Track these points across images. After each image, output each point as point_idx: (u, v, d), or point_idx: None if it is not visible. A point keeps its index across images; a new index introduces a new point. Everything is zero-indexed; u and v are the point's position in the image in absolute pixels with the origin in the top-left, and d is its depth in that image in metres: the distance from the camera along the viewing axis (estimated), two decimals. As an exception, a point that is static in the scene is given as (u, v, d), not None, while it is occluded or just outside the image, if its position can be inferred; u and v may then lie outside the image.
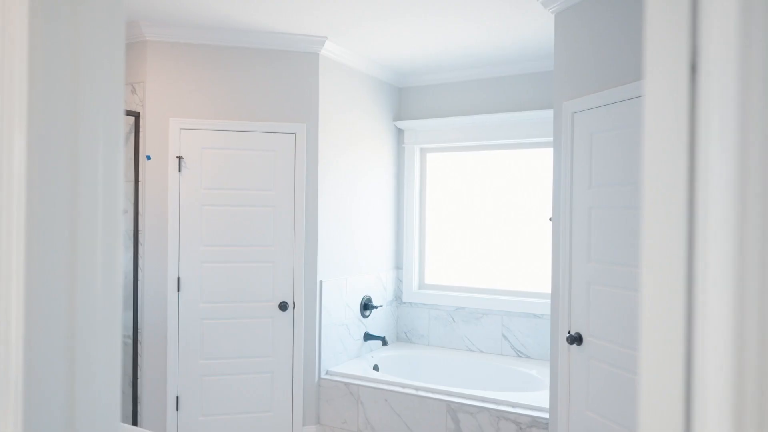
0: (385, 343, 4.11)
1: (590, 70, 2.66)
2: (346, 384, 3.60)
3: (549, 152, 4.06)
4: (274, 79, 3.58)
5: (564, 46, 2.83)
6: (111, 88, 0.78)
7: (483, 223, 4.33)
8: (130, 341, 3.47)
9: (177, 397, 3.48)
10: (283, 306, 3.58)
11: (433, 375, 4.14)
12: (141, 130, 3.44)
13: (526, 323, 4.06)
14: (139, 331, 3.46)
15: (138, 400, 3.47)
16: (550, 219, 3.18)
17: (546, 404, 3.05)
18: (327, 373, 3.74)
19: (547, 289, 4.04)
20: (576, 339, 2.68)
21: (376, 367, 4.04)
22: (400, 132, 4.59)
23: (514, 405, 3.13)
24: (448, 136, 4.35)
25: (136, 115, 3.43)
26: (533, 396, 3.22)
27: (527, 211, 4.16)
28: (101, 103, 0.77)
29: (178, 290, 3.47)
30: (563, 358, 2.77)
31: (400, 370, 4.19)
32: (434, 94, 4.43)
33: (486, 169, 4.33)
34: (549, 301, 3.95)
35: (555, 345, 2.85)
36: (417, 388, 3.41)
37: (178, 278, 3.47)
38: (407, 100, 4.54)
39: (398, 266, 4.59)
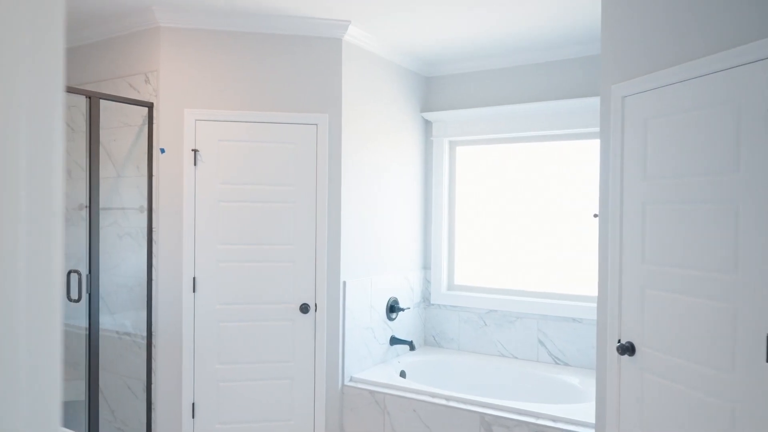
0: (412, 347, 3.87)
1: (644, 48, 2.37)
2: (371, 392, 3.37)
3: (592, 143, 3.77)
4: (295, 67, 3.36)
5: (613, 23, 2.55)
6: (39, 50, 0.57)
7: (517, 221, 4.06)
8: (144, 343, 3.29)
9: (193, 404, 3.29)
10: (304, 308, 3.37)
11: (464, 382, 3.89)
12: (154, 121, 3.26)
13: (564, 328, 3.77)
14: (152, 334, 3.28)
15: (152, 407, 3.29)
16: (596, 216, 2.90)
17: (591, 419, 2.78)
18: (351, 380, 3.51)
19: (587, 291, 3.75)
20: (627, 349, 2.40)
21: (402, 374, 3.80)
22: (427, 124, 4.33)
23: (555, 419, 2.86)
24: (479, 127, 4.08)
25: (150, 106, 3.25)
26: (576, 409, 2.94)
27: (567, 207, 3.88)
28: (24, 67, 0.55)
29: (194, 291, 3.28)
30: (612, 369, 2.49)
31: (429, 376, 3.95)
32: (464, 84, 4.16)
33: (521, 163, 4.05)
34: (589, 304, 3.67)
35: (602, 354, 2.58)
36: (448, 398, 3.16)
37: (194, 278, 3.28)
38: (435, 90, 4.29)
39: (426, 266, 4.34)
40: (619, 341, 2.46)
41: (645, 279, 2.33)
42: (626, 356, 2.42)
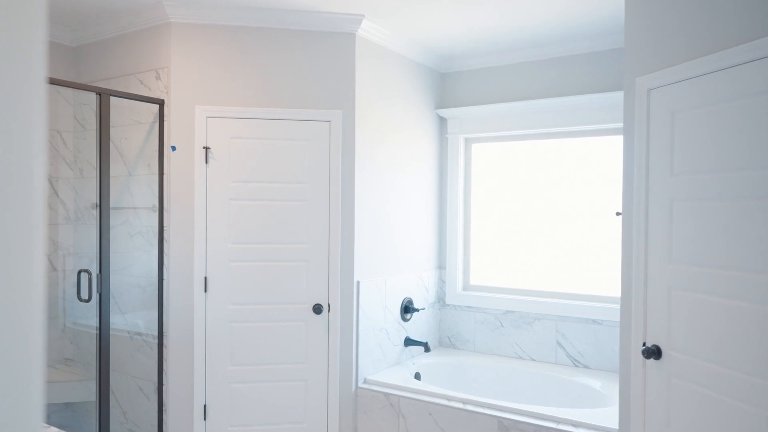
0: (427, 349, 3.79)
1: (671, 38, 2.27)
2: (386, 394, 3.29)
3: (612, 139, 3.66)
4: (307, 63, 3.29)
5: (637, 13, 2.45)
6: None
7: (534, 220, 3.96)
8: (155, 343, 3.24)
9: (204, 406, 3.24)
10: (317, 308, 3.30)
11: (481, 385, 3.80)
12: (165, 119, 3.21)
13: (583, 329, 3.67)
14: (164, 334, 3.23)
15: (163, 409, 3.24)
16: (618, 214, 2.80)
17: (614, 424, 2.68)
18: (365, 382, 3.44)
19: (608, 292, 3.65)
20: (653, 352, 2.30)
21: (417, 375, 3.72)
22: (442, 121, 4.25)
23: (576, 424, 2.76)
24: (496, 124, 3.99)
25: (160, 103, 3.20)
26: (598, 414, 2.84)
27: (586, 205, 3.77)
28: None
29: (205, 291, 3.22)
30: (637, 373, 2.39)
31: (444, 378, 3.86)
32: (480, 79, 4.07)
33: (538, 160, 3.95)
34: (609, 305, 3.57)
35: (626, 358, 2.48)
36: (464, 401, 3.08)
37: (205, 278, 3.22)
38: (451, 86, 4.20)
39: (441, 266, 4.26)
40: (644, 344, 2.36)
41: (672, 279, 2.23)
42: (652, 360, 2.33)
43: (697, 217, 2.12)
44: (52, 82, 2.73)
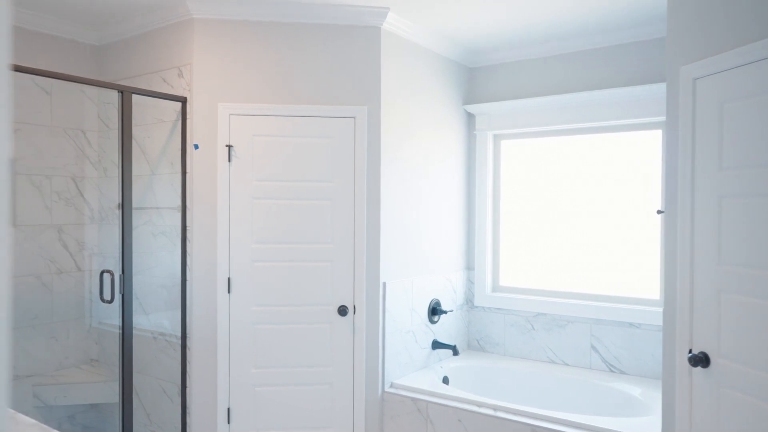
0: (455, 352, 3.67)
1: (718, 23, 2.12)
2: (413, 399, 3.19)
3: (651, 134, 3.49)
4: (332, 58, 3.20)
5: (681, -2, 2.29)
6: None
7: (567, 219, 3.81)
8: (179, 343, 3.19)
9: (228, 409, 3.18)
10: (342, 310, 3.21)
11: (511, 390, 3.67)
12: (188, 117, 3.15)
13: (619, 333, 3.51)
14: (187, 336, 3.18)
15: (187, 411, 3.19)
16: (659, 212, 2.65)
17: (655, 435, 2.53)
18: (391, 386, 3.34)
19: (646, 294, 3.48)
20: (701, 360, 2.15)
21: (445, 380, 3.61)
22: (470, 117, 4.12)
23: (615, 434, 2.61)
24: (526, 119, 3.85)
25: (183, 101, 3.15)
26: (638, 423, 2.69)
27: (623, 203, 3.61)
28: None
29: (229, 292, 3.16)
30: (682, 382, 2.24)
31: (473, 383, 3.74)
32: (509, 74, 3.94)
33: (571, 157, 3.80)
34: (648, 308, 3.40)
35: (670, 365, 2.33)
36: (495, 408, 2.95)
37: (229, 279, 3.16)
38: (479, 81, 4.07)
39: (469, 266, 4.13)
40: (690, 351, 2.21)
41: (722, 282, 2.08)
42: (699, 368, 2.18)
43: (749, 215, 1.97)
44: (73, 79, 2.70)
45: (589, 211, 3.73)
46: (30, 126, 3.36)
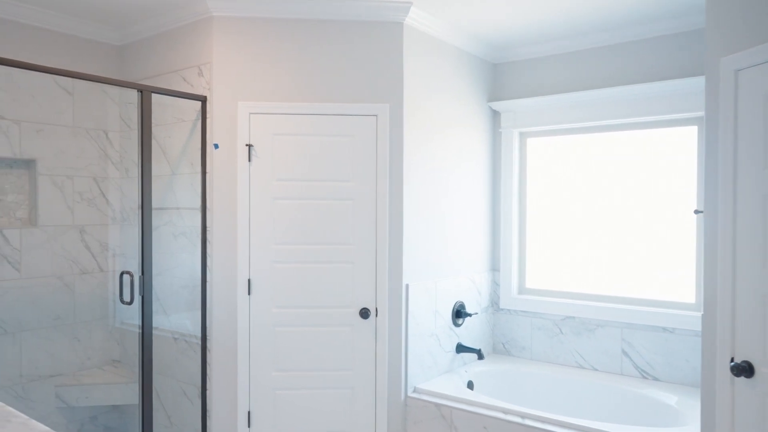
0: (480, 356, 3.56)
1: (764, 9, 1.99)
2: (437, 405, 3.10)
3: (687, 130, 3.35)
4: (353, 54, 3.13)
5: (722, -15, 2.17)
6: None
7: (596, 219, 3.68)
8: (199, 344, 3.15)
9: (248, 413, 3.13)
10: (364, 313, 3.14)
11: (538, 396, 3.55)
12: (208, 116, 3.11)
13: (652, 338, 3.37)
14: (207, 338, 3.14)
15: (207, 414, 3.15)
16: (697, 212, 2.52)
17: (693, 447, 2.40)
18: (414, 391, 3.25)
19: (680, 297, 3.34)
20: (744, 369, 2.02)
21: (470, 384, 3.51)
22: (495, 114, 4.01)
23: (649, 446, 2.49)
24: (553, 116, 3.72)
25: (203, 100, 3.11)
26: (674, 434, 2.57)
27: (656, 203, 3.47)
28: None
29: (249, 293, 3.11)
30: (724, 392, 2.11)
31: (499, 388, 3.63)
32: (536, 69, 3.82)
33: (600, 155, 3.67)
34: (682, 312, 3.26)
35: (709, 374, 2.20)
36: (522, 415, 2.85)
37: (249, 280, 3.11)
38: (504, 77, 3.96)
39: (494, 268, 4.02)
40: (732, 360, 2.08)
41: (767, 286, 1.95)
42: (742, 378, 2.05)
43: (799, 215, 1.84)
44: (92, 78, 2.67)
45: (619, 211, 3.59)
46: (52, 126, 3.35)
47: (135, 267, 3.57)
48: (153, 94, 3.40)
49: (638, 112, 3.40)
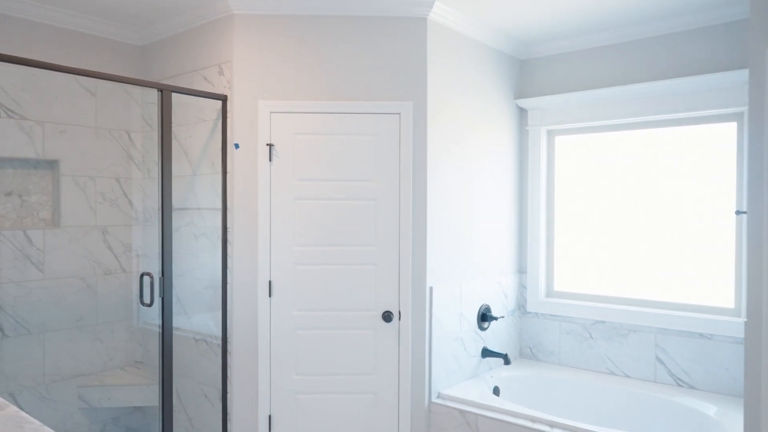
0: (507, 361, 3.46)
1: (816, -4, 1.85)
2: (462, 411, 3.00)
3: (727, 127, 3.20)
4: (375, 51, 3.06)
5: (767, -29, 2.03)
6: None
7: (628, 219, 3.54)
8: (220, 346, 3.11)
9: (269, 416, 3.07)
10: (386, 316, 3.06)
11: (567, 403, 3.43)
12: (228, 115, 3.07)
13: (688, 344, 3.22)
14: (228, 340, 3.10)
15: (228, 417, 3.11)
16: (739, 212, 2.38)
17: (735, 462, 2.27)
18: (439, 397, 3.17)
19: (719, 301, 3.19)
20: (793, 381, 1.88)
21: (496, 390, 3.40)
22: (522, 112, 3.90)
23: (687, 459, 2.36)
24: (583, 114, 3.60)
25: (223, 99, 3.06)
26: (713, 447, 2.43)
27: (692, 203, 3.32)
28: None
29: (270, 295, 3.06)
30: (770, 405, 1.98)
31: (526, 394, 3.52)
32: (565, 65, 3.69)
33: (632, 153, 3.53)
34: (721, 317, 3.11)
35: (754, 384, 2.07)
36: (551, 424, 2.74)
37: (270, 282, 3.06)
38: (531, 73, 3.84)
39: (521, 270, 3.91)
40: (779, 370, 1.95)
41: (819, 293, 1.81)
42: (791, 390, 1.91)
43: None
44: (112, 78, 2.65)
45: (653, 212, 3.45)
46: (75, 127, 3.35)
47: (157, 268, 3.55)
48: (174, 94, 3.38)
49: (673, 108, 3.26)
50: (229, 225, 3.08)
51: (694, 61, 3.21)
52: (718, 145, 3.22)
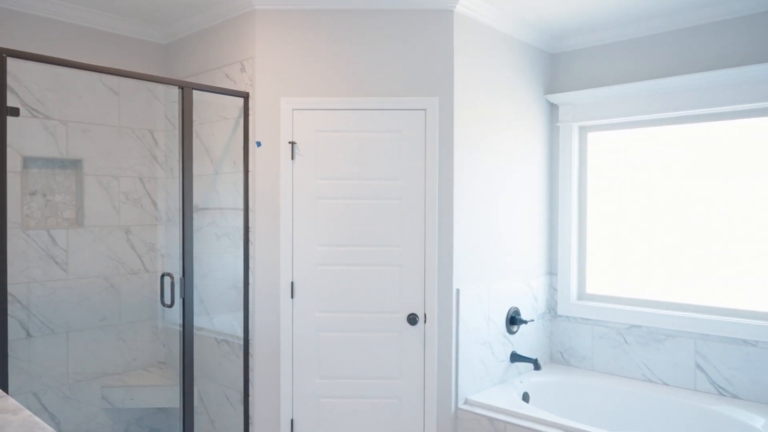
0: (537, 366, 3.32)
1: None
2: (490, 419, 2.89)
3: None
4: (400, 45, 2.96)
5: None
6: None
7: (666, 219, 3.37)
8: (241, 345, 3.06)
9: (291, 421, 3.01)
10: (412, 319, 2.96)
11: (602, 411, 3.28)
12: (250, 113, 3.01)
13: (730, 351, 3.05)
14: (249, 342, 3.04)
15: (249, 420, 3.05)
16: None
17: (787, 480, 2.11)
18: (466, 403, 3.06)
19: (763, 307, 3.01)
20: None
21: (525, 396, 3.28)
22: (553, 107, 3.76)
23: (734, 475, 2.21)
24: (618, 108, 3.44)
25: (245, 96, 3.01)
26: (761, 463, 2.27)
27: (735, 201, 3.14)
28: None
29: (292, 297, 2.99)
30: (827, 420, 1.82)
31: (557, 401, 3.39)
32: (599, 58, 3.54)
33: (670, 149, 3.36)
34: (765, 323, 2.93)
35: (808, 398, 1.91)
36: (584, 434, 2.60)
37: (292, 283, 2.99)
38: (562, 67, 3.70)
39: (552, 271, 3.77)
40: (838, 383, 1.79)
41: None
42: None
43: None
44: (134, 76, 2.61)
45: (692, 211, 3.28)
46: (98, 126, 3.34)
47: (179, 268, 3.52)
48: (195, 92, 3.34)
49: (715, 101, 3.09)
50: (250, 225, 3.03)
51: (739, 52, 3.04)
52: (764, 140, 3.04)
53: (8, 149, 2.99)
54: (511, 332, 3.40)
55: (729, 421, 2.83)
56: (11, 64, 3.00)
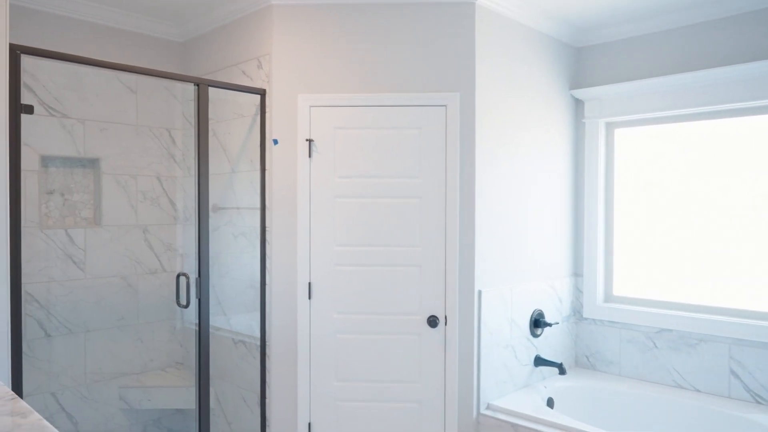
0: (562, 371, 3.21)
1: None
2: (513, 425, 2.79)
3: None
4: (420, 39, 2.88)
5: None
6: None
7: (697, 219, 3.23)
8: (258, 346, 3.01)
9: (309, 424, 2.94)
10: (432, 321, 2.88)
11: (630, 418, 3.16)
12: (267, 110, 2.96)
13: (767, 357, 2.90)
14: (267, 344, 2.99)
15: (266, 423, 3.00)
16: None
17: (833, 496, 1.98)
18: (488, 408, 2.96)
19: (805, 310, 2.86)
20: None
21: (550, 402, 3.17)
22: (578, 103, 3.64)
23: (774, 490, 2.08)
24: (646, 104, 3.31)
25: (262, 93, 2.95)
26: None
27: (768, 200, 3.00)
28: None
29: (309, 298, 2.93)
30: None
31: (583, 407, 3.27)
32: (626, 52, 3.41)
33: (701, 146, 3.22)
34: (808, 328, 2.78)
35: None
36: (613, 443, 2.49)
37: (309, 283, 2.93)
38: (588, 62, 3.58)
39: (577, 273, 3.65)
40: None
41: None
42: None
43: None
44: (149, 73, 2.57)
45: (725, 210, 3.14)
46: (115, 125, 3.32)
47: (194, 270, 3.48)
48: (212, 89, 3.30)
49: (749, 95, 2.95)
50: (267, 224, 2.97)
51: (775, 43, 2.89)
52: (803, 135, 2.89)
53: (26, 148, 2.98)
54: (534, 335, 3.30)
55: (765, 431, 2.69)
56: (30, 62, 2.99)
